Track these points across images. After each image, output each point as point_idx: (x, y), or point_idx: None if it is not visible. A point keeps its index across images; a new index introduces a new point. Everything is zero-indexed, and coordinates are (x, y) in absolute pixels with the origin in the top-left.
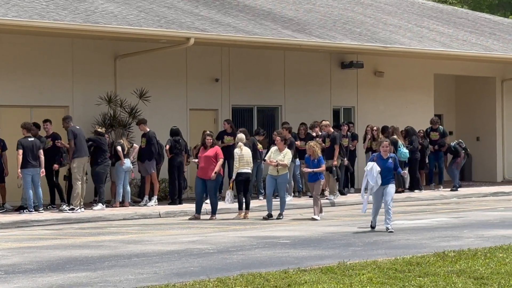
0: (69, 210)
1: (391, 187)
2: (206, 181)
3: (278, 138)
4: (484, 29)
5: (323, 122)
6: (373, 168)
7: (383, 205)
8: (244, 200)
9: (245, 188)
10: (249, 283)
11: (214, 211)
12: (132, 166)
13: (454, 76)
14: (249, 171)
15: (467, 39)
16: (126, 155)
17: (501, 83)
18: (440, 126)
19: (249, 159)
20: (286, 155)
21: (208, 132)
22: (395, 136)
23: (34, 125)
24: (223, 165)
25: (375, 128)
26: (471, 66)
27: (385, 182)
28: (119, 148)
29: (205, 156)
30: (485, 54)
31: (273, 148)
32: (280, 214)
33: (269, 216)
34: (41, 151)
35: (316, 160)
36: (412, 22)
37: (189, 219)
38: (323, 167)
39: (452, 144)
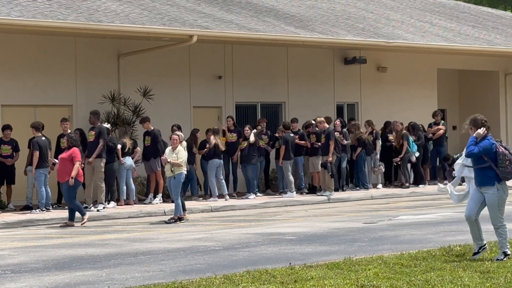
0: (95, 209)
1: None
2: (63, 185)
3: (173, 136)
4: (486, 23)
5: (318, 118)
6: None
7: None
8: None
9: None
10: (256, 279)
11: (71, 217)
12: (134, 165)
13: (457, 70)
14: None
15: (469, 34)
16: (128, 153)
17: (504, 77)
18: (442, 120)
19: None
20: (179, 153)
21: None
22: (405, 132)
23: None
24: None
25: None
26: (474, 60)
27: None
28: (119, 146)
29: (60, 158)
30: (488, 48)
31: (169, 148)
32: (172, 218)
33: (177, 220)
34: (49, 151)
35: None
36: (414, 17)
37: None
38: None
39: (456, 156)
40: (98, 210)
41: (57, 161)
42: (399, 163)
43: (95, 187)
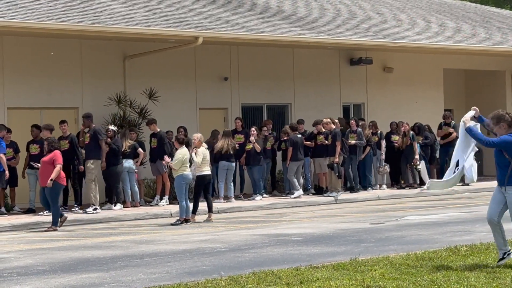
0: (93, 210)
1: None
2: (45, 188)
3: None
4: (492, 23)
5: (324, 119)
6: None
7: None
8: (202, 203)
9: (206, 189)
10: (261, 280)
11: (54, 221)
12: (134, 167)
13: (463, 70)
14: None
15: (475, 33)
16: (125, 155)
17: (511, 77)
18: (452, 121)
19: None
20: (175, 156)
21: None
22: (413, 133)
23: (36, 127)
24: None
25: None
26: (480, 60)
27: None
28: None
29: (42, 161)
30: (494, 48)
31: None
32: (178, 220)
33: (183, 221)
34: None
35: None
36: (420, 17)
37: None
38: None
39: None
40: (86, 212)
41: (39, 165)
42: (418, 166)
43: (92, 188)
